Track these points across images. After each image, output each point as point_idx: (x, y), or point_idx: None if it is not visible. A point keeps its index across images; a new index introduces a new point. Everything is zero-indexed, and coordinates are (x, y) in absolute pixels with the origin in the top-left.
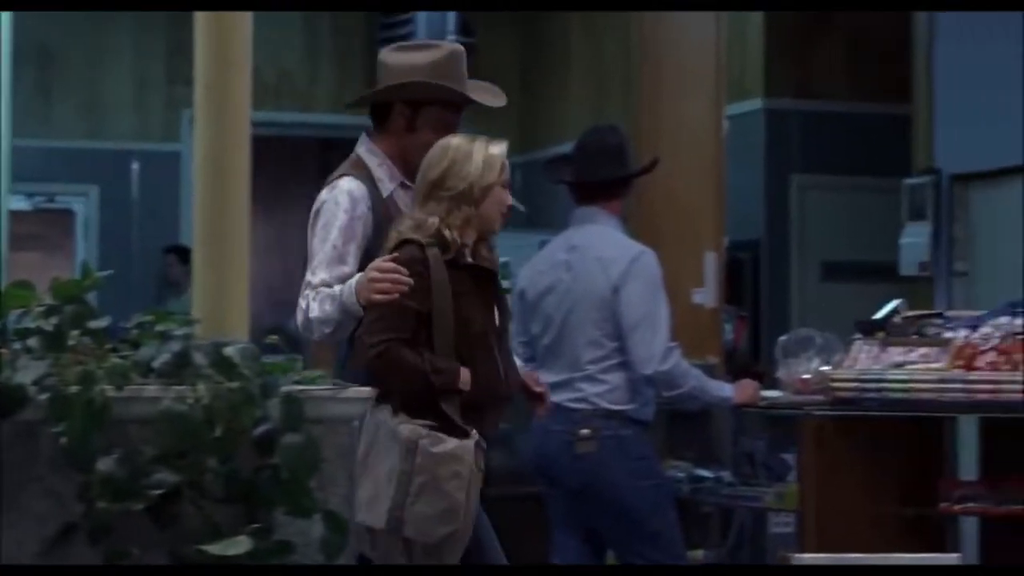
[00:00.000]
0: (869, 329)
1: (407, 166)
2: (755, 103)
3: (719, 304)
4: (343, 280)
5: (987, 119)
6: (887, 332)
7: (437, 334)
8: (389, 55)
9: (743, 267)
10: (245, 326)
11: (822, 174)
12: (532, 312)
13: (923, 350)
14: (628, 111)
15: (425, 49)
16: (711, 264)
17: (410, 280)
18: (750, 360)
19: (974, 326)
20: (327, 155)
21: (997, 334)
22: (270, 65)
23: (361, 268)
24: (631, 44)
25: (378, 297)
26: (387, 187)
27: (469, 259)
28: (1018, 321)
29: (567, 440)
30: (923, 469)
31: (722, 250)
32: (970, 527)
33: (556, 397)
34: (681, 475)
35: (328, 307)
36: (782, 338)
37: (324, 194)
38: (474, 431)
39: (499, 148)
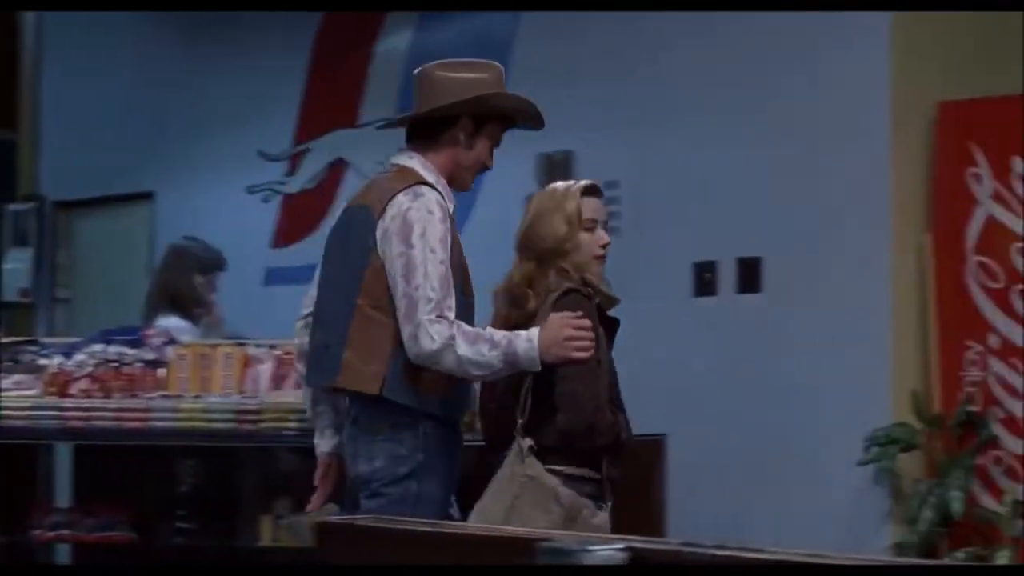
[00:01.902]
0: None
1: (452, 184)
2: None
3: None
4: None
5: (90, 149)
6: None
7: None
8: (442, 72)
9: None
10: None
11: None
12: None
13: (17, 376)
14: None
15: (479, 67)
16: None
17: (591, 334)
18: None
19: (68, 353)
20: None
21: (91, 362)
22: None
23: None
24: None
25: (579, 355)
26: (448, 205)
27: (607, 311)
28: (112, 349)
29: None
30: (20, 495)
31: None
32: (64, 554)
33: None
34: None
35: (486, 352)
36: None
37: (405, 200)
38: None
39: (575, 199)
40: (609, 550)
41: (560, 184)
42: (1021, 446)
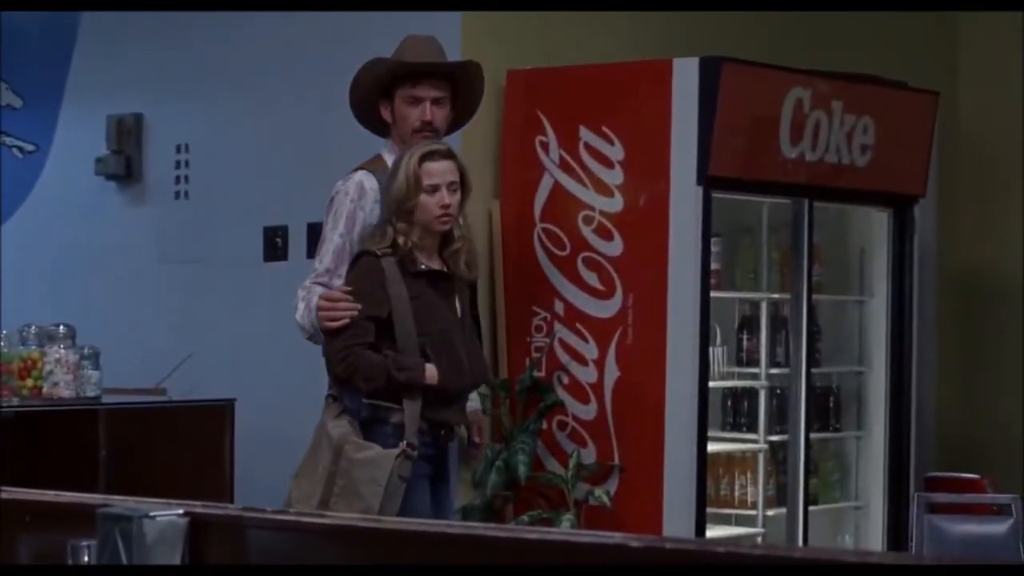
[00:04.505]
0: None
1: None
2: None
3: None
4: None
5: None
6: None
7: (399, 336)
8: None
9: None
10: None
11: None
12: None
13: None
14: None
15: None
16: None
17: (357, 306)
18: None
19: None
20: None
21: None
22: None
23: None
24: None
25: (329, 325)
26: None
27: (423, 266)
28: None
29: None
30: None
31: None
32: None
33: None
34: None
35: (304, 315)
36: None
37: (339, 184)
38: (404, 443)
39: (413, 162)
40: (169, 515)
41: (415, 146)
42: (584, 410)
